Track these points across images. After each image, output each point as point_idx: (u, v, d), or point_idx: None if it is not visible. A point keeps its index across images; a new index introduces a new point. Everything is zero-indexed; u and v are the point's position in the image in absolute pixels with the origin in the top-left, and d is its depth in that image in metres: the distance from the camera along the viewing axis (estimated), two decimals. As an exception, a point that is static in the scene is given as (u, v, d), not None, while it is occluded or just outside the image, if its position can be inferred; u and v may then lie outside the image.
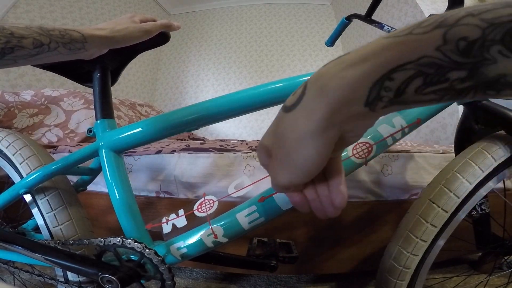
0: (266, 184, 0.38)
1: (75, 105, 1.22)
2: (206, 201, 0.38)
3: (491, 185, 0.41)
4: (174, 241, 0.40)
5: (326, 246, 0.72)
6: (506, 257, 0.65)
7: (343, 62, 0.16)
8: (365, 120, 0.18)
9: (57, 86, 1.75)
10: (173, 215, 0.39)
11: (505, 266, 0.70)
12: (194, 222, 0.39)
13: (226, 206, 0.41)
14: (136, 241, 0.38)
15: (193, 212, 0.38)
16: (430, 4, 1.51)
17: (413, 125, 0.38)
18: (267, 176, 0.32)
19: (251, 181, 0.38)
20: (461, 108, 0.46)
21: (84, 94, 1.30)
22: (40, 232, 0.50)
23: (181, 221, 0.38)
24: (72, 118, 1.16)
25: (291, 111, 0.19)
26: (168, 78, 2.94)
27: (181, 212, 0.39)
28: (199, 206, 0.38)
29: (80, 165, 0.49)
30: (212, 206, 0.37)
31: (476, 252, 0.83)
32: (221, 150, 0.74)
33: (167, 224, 0.38)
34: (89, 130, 0.45)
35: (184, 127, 0.41)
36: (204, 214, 0.37)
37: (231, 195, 0.37)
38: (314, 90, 0.17)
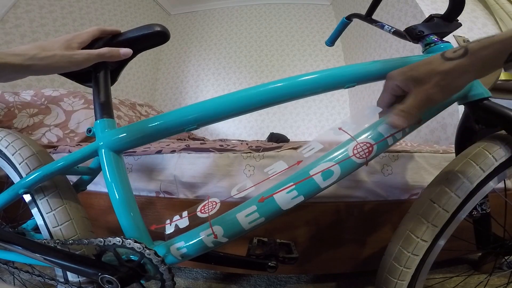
0: (266, 184, 0.38)
1: (75, 105, 1.22)
2: (209, 203, 0.38)
3: (492, 185, 0.41)
4: (174, 241, 0.40)
5: (326, 246, 0.72)
6: (506, 257, 0.65)
7: None
8: None
9: (57, 86, 1.75)
10: (177, 217, 0.39)
11: (505, 266, 0.70)
12: (195, 223, 0.39)
13: (227, 206, 0.41)
14: (136, 241, 0.38)
15: (196, 214, 0.38)
16: (430, 4, 1.51)
17: (414, 124, 0.38)
18: (269, 177, 0.32)
19: (253, 183, 0.38)
20: (461, 108, 0.46)
21: (84, 94, 1.30)
22: (40, 232, 0.49)
23: (184, 222, 0.38)
24: (72, 118, 1.16)
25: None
26: (168, 78, 2.94)
27: (184, 213, 0.39)
28: (202, 208, 0.38)
29: (79, 165, 0.48)
30: (214, 207, 0.38)
31: (477, 252, 0.83)
32: (221, 150, 0.74)
33: (170, 225, 0.39)
34: (89, 130, 0.45)
35: (184, 126, 0.41)
36: (206, 215, 0.37)
37: (233, 196, 0.37)
38: None
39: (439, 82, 0.32)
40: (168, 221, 0.39)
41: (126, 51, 0.44)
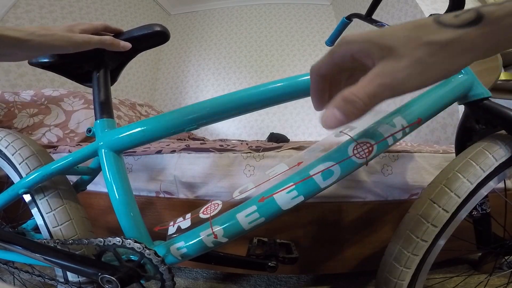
0: (266, 184, 0.38)
1: (75, 105, 1.22)
2: (212, 205, 0.39)
3: (492, 185, 0.41)
4: (174, 241, 0.40)
5: (326, 246, 0.72)
6: (506, 257, 0.65)
7: None
8: None
9: (57, 86, 1.75)
10: (180, 219, 0.40)
11: (505, 266, 0.70)
12: (197, 223, 0.39)
13: (230, 207, 0.41)
14: (136, 241, 0.38)
15: (198, 215, 0.38)
16: (430, 4, 1.51)
17: (414, 124, 0.38)
18: (270, 179, 0.32)
19: (254, 184, 0.38)
20: (461, 108, 0.46)
21: (84, 94, 1.30)
22: (40, 232, 0.49)
23: (186, 223, 0.38)
24: (72, 118, 1.16)
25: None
26: (168, 78, 2.94)
27: (187, 216, 0.39)
28: (205, 210, 0.39)
29: (79, 165, 0.48)
30: (216, 208, 0.38)
31: (477, 252, 0.83)
32: (221, 150, 0.74)
33: (173, 226, 0.39)
34: (89, 130, 0.45)
35: (184, 126, 0.41)
36: (207, 216, 0.37)
37: (235, 198, 0.38)
38: None
39: (424, 58, 0.20)
40: (171, 223, 0.40)
41: (125, 44, 0.45)
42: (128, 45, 0.45)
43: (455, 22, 0.20)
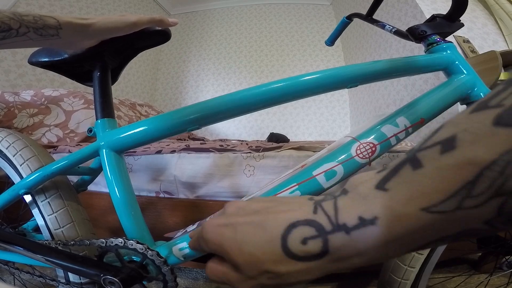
0: (270, 185, 0.38)
1: (75, 105, 1.21)
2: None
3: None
4: (177, 242, 0.40)
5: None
6: (506, 257, 0.66)
7: None
8: None
9: (57, 86, 1.75)
10: (190, 225, 0.40)
11: (505, 266, 0.71)
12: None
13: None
14: (138, 242, 0.38)
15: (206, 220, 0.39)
16: (430, 4, 1.51)
17: (417, 125, 0.38)
18: (272, 181, 0.32)
19: (257, 188, 0.38)
20: (462, 108, 0.46)
21: (84, 94, 1.30)
22: (40, 233, 0.49)
23: (193, 227, 0.39)
24: (72, 118, 1.16)
25: None
26: (168, 78, 2.94)
27: (197, 222, 0.40)
28: (212, 215, 0.39)
29: (80, 165, 0.48)
30: None
31: (478, 252, 0.83)
32: (221, 150, 0.74)
33: (181, 231, 0.39)
34: (90, 130, 0.45)
35: (185, 126, 0.41)
36: (211, 217, 0.38)
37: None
38: None
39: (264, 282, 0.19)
40: (182, 230, 0.40)
41: (173, 20, 0.44)
42: (175, 21, 0.44)
43: (301, 252, 0.17)
